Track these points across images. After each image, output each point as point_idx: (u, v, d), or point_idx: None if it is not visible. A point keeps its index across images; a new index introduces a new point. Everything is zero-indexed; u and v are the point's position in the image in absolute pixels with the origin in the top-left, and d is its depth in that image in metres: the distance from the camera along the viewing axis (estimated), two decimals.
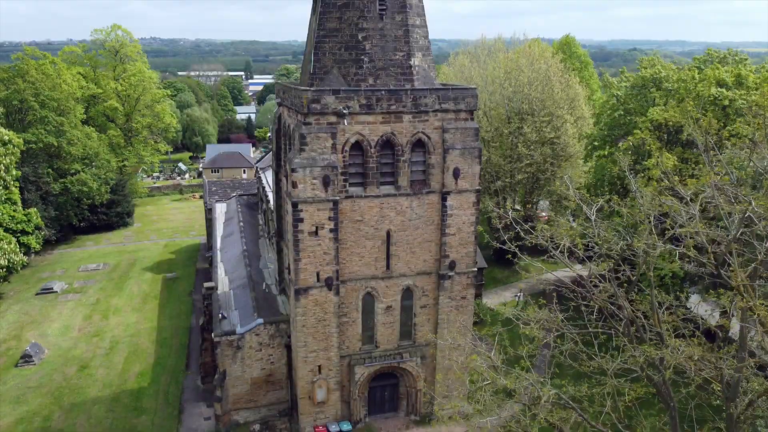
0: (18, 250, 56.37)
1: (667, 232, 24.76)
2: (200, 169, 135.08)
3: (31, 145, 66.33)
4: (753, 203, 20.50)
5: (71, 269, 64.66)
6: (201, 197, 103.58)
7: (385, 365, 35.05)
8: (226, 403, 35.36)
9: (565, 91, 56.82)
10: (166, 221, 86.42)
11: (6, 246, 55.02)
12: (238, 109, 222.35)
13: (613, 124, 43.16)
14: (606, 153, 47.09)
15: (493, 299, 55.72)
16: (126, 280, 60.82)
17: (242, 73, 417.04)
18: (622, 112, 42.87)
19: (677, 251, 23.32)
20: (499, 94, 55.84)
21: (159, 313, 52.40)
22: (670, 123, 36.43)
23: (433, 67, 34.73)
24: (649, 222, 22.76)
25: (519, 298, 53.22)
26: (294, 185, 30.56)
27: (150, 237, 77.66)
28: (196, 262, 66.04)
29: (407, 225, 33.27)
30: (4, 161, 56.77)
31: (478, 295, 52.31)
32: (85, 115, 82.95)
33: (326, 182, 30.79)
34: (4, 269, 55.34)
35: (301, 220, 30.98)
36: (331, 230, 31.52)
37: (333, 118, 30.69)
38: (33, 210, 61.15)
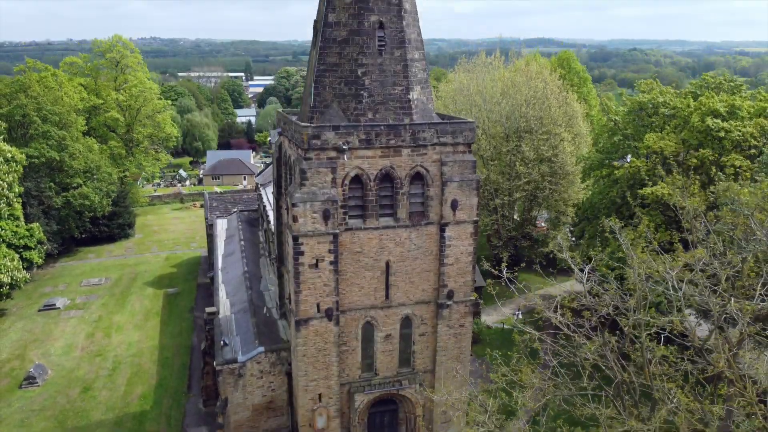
0: (21, 266, 57.01)
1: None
2: (201, 176, 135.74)
3: (33, 160, 66.88)
4: (731, 302, 21.03)
5: (73, 284, 65.20)
6: (201, 206, 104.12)
7: (384, 392, 35.57)
8: (228, 429, 35.90)
9: (562, 108, 57.32)
10: (167, 232, 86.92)
11: (9, 263, 55.66)
12: (238, 112, 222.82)
13: (612, 149, 43.68)
14: (604, 173, 47.57)
15: (491, 316, 56.26)
16: (128, 296, 61.36)
17: (242, 74, 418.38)
18: (620, 137, 43.38)
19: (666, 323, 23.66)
20: (497, 113, 56.33)
21: (161, 331, 52.94)
22: (666, 152, 36.93)
23: (431, 98, 35.24)
24: (642, 299, 23.21)
25: (517, 316, 53.72)
26: (295, 219, 31.06)
27: (151, 249, 78.18)
28: (197, 276, 66.57)
29: (406, 256, 33.78)
30: (7, 179, 57.30)
31: (476, 314, 52.92)
32: (86, 127, 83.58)
33: (326, 216, 31.29)
34: (7, 286, 56.04)
35: (302, 253, 31.48)
36: (331, 262, 32.01)
37: (333, 153, 31.19)
38: (35, 225, 61.73)
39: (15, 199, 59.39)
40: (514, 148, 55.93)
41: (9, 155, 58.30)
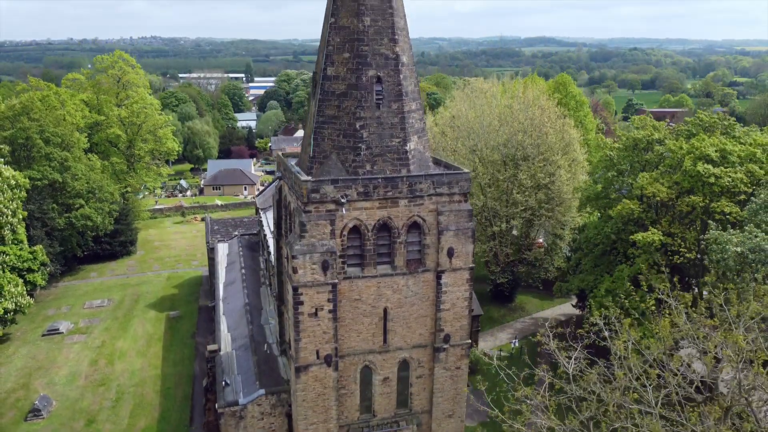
0: (24, 292, 57.87)
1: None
2: (202, 186, 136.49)
3: (36, 182, 67.69)
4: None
5: (76, 306, 66.03)
6: (202, 219, 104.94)
7: None
8: None
9: (559, 135, 58.04)
10: (169, 248, 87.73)
11: (13, 289, 56.49)
12: (238, 116, 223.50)
13: (607, 185, 44.45)
14: (600, 208, 48.30)
15: (488, 341, 57.08)
16: (130, 319, 62.19)
17: (243, 75, 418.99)
18: (615, 173, 44.15)
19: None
20: (494, 140, 57.07)
21: (163, 358, 53.76)
22: (658, 197, 37.70)
23: (428, 146, 36.00)
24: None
25: (514, 344, 54.47)
26: (294, 270, 31.84)
27: (153, 267, 79.00)
28: (198, 298, 67.40)
29: (403, 302, 34.57)
30: (11, 206, 58.09)
31: (474, 342, 53.72)
32: (88, 143, 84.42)
33: (325, 267, 32.05)
34: (12, 313, 56.88)
35: (302, 303, 32.26)
36: (330, 311, 32.79)
37: (332, 206, 31.96)
38: (38, 247, 62.53)
39: (19, 224, 60.20)
40: (512, 175, 56.66)
41: (13, 182, 59.06)
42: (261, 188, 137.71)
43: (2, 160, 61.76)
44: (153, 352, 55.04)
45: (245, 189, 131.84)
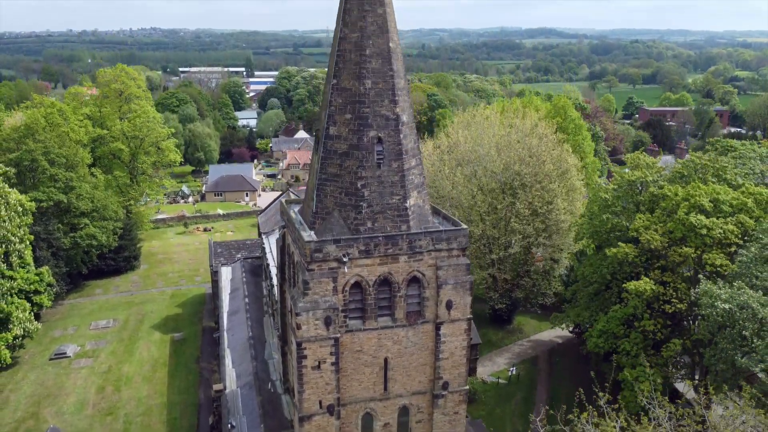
0: (32, 317, 59.15)
1: None
2: (203, 192, 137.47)
3: (42, 204, 68.74)
4: None
5: (82, 326, 67.27)
6: (205, 230, 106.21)
7: None
8: None
9: (557, 164, 58.99)
10: (172, 262, 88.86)
11: (21, 314, 57.74)
12: (239, 115, 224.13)
13: (601, 227, 45.48)
14: (596, 241, 49.25)
15: (486, 366, 58.28)
16: (136, 341, 63.45)
17: (243, 69, 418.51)
18: (609, 215, 45.16)
19: None
20: (492, 169, 58.04)
21: (168, 385, 55.02)
22: (652, 245, 38.75)
23: (427, 199, 36.96)
24: None
25: (512, 371, 55.65)
26: (298, 326, 32.96)
27: (157, 284, 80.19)
28: (202, 318, 68.62)
29: (404, 352, 35.72)
30: (19, 233, 59.17)
31: (472, 370, 54.93)
32: (91, 158, 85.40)
33: (328, 322, 33.19)
34: (20, 338, 58.17)
35: (305, 357, 33.42)
36: (332, 363, 33.97)
37: (334, 264, 33.03)
38: (45, 269, 63.80)
39: (26, 249, 61.31)
40: (510, 203, 57.66)
41: (20, 208, 60.09)
42: (261, 193, 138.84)
43: (7, 185, 62.44)
44: (158, 378, 56.30)
45: (246, 195, 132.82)
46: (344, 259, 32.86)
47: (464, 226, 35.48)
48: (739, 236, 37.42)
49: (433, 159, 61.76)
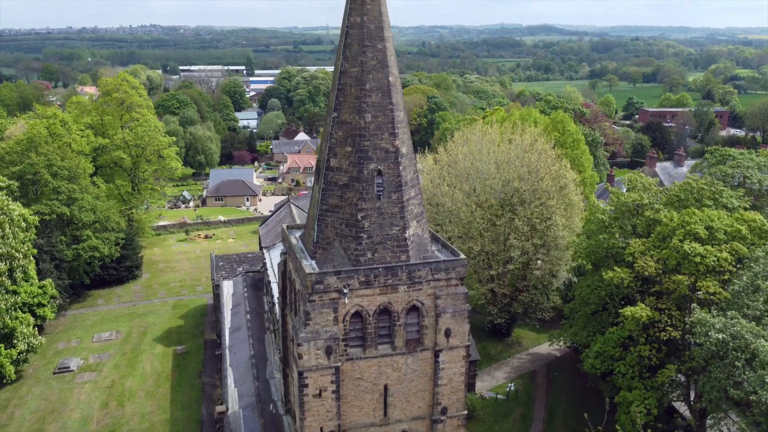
0: (36, 332, 59.87)
1: None
2: (204, 196, 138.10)
3: (45, 217, 69.36)
4: None
5: (85, 339, 67.94)
6: (206, 237, 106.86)
7: None
8: None
9: (555, 181, 59.54)
10: (173, 271, 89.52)
11: (25, 329, 58.47)
12: (239, 115, 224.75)
13: (598, 247, 46.08)
14: (593, 261, 49.85)
15: (485, 381, 58.94)
16: (138, 354, 64.15)
17: (243, 67, 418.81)
18: (606, 236, 45.77)
19: None
20: (491, 187, 58.61)
21: (171, 401, 55.70)
22: (647, 273, 39.38)
23: (426, 227, 37.56)
24: None
25: (510, 388, 56.30)
26: (300, 356, 33.62)
27: (159, 294, 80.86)
28: (204, 331, 69.29)
29: (403, 378, 36.38)
30: (23, 249, 59.78)
31: (471, 386, 55.64)
32: (93, 168, 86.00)
33: (329, 352, 33.85)
34: (25, 353, 58.92)
35: (306, 386, 34.10)
36: (333, 391, 34.65)
37: (335, 295, 33.67)
38: (48, 281, 64.48)
39: (29, 264, 61.95)
40: (509, 220, 58.24)
41: (24, 224, 60.71)
42: (262, 198, 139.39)
43: (10, 199, 62.89)
44: (161, 393, 57.00)
45: (247, 200, 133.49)
46: (345, 291, 33.49)
47: (462, 256, 36.10)
48: (733, 264, 38.04)
49: (432, 175, 62.32)
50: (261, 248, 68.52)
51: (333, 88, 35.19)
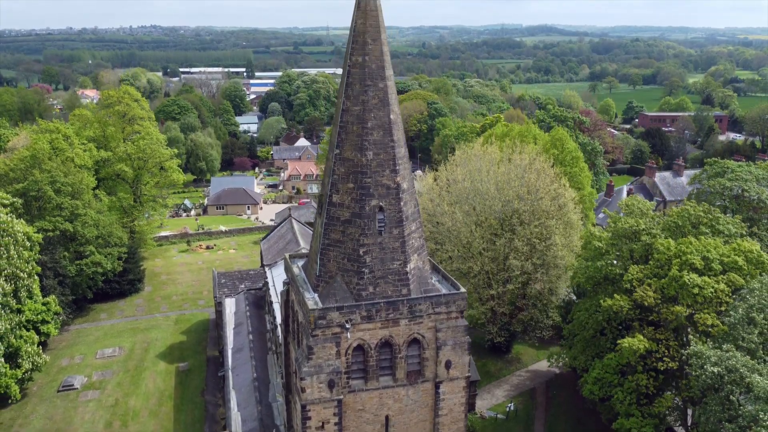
0: (40, 351, 60.47)
1: None
2: (205, 205, 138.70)
3: (48, 233, 69.95)
4: None
5: (89, 355, 68.51)
6: (208, 248, 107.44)
7: None
8: None
9: (555, 201, 60.12)
10: (175, 283, 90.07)
11: (30, 348, 59.05)
12: (239, 120, 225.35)
13: (596, 273, 46.66)
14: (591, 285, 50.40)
15: (485, 400, 59.49)
16: (142, 372, 64.72)
17: (243, 70, 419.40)
18: (603, 263, 46.34)
19: None
20: (490, 207, 59.18)
21: (174, 420, 56.29)
22: (646, 302, 39.97)
23: (427, 260, 38.14)
24: None
25: (510, 408, 56.85)
26: (303, 390, 34.21)
27: (161, 308, 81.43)
28: (207, 347, 69.87)
29: (404, 410, 36.96)
30: (27, 268, 60.35)
31: (471, 405, 56.21)
32: (95, 181, 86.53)
33: (331, 385, 34.45)
34: (29, 371, 59.50)
35: (309, 419, 34.70)
36: (335, 423, 35.23)
37: (337, 329, 34.26)
38: (52, 298, 65.09)
39: (33, 282, 62.53)
40: (508, 240, 58.80)
41: (28, 243, 61.27)
42: (263, 206, 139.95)
43: (14, 217, 63.20)
44: (164, 413, 57.59)
45: (248, 209, 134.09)
46: (347, 326, 34.08)
47: (463, 290, 36.68)
48: (730, 294, 38.63)
49: (432, 194, 62.89)
50: (262, 265, 69.13)
51: (335, 125, 35.77)
